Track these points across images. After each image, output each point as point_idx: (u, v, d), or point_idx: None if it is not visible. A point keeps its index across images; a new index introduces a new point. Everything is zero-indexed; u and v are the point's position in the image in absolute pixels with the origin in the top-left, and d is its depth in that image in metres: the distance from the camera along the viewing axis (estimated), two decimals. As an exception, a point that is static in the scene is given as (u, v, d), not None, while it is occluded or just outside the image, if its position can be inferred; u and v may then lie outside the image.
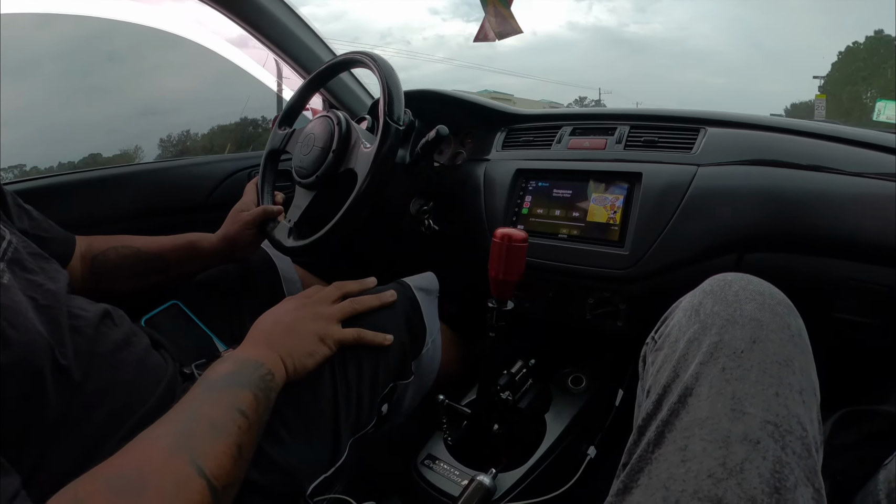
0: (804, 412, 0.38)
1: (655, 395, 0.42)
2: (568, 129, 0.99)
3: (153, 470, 0.42)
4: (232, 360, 0.59)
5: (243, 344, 0.65)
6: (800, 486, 0.34)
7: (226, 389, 0.53)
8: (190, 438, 0.46)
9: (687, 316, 0.46)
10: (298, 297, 0.73)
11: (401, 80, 0.80)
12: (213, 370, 0.57)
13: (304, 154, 0.85)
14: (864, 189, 0.75)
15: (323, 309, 0.70)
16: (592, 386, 0.94)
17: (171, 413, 0.49)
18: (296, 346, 0.65)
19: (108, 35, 1.40)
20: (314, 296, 0.73)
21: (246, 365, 0.58)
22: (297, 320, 0.67)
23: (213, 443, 0.46)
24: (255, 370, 0.57)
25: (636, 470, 0.38)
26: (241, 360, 0.59)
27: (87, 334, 0.57)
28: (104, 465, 0.42)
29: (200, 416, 0.48)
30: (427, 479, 0.80)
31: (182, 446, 0.44)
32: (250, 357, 0.59)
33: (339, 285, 0.75)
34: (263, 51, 1.19)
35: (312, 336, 0.66)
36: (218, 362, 0.59)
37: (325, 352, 0.67)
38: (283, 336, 0.65)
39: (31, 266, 0.58)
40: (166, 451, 0.44)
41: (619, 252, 0.83)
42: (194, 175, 1.15)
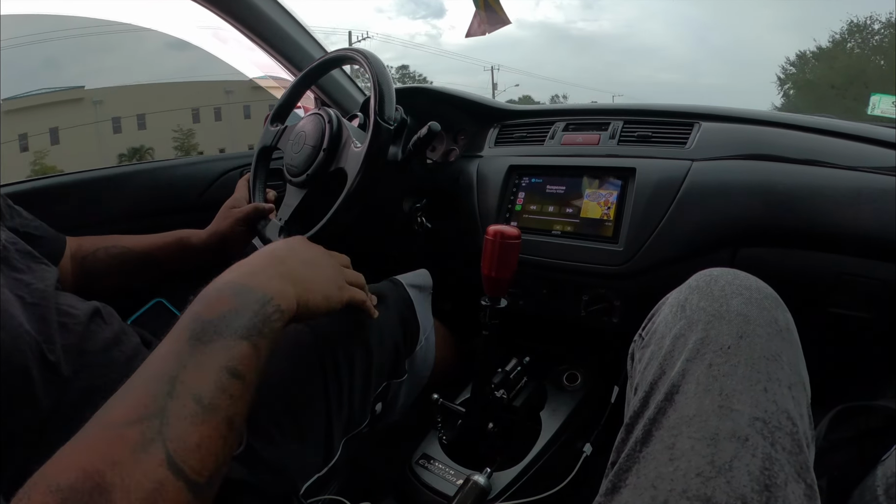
0: (793, 407, 0.37)
1: (642, 392, 0.41)
2: (561, 124, 0.99)
3: (118, 474, 0.32)
4: (230, 291, 0.45)
5: (245, 264, 0.50)
6: (790, 482, 0.34)
7: (218, 341, 0.41)
8: (166, 424, 0.35)
9: (673, 312, 0.46)
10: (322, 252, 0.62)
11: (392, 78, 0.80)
12: (205, 306, 0.44)
13: (295, 152, 0.84)
14: (859, 183, 0.74)
15: (343, 262, 0.63)
16: (588, 383, 0.94)
17: (143, 377, 0.38)
18: (315, 282, 0.53)
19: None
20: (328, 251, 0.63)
21: (249, 300, 0.45)
22: (319, 256, 0.58)
23: (196, 427, 0.36)
24: (259, 307, 0.45)
25: (624, 469, 0.37)
26: (241, 290, 0.45)
27: (77, 332, 0.56)
28: (58, 466, 0.33)
29: (181, 389, 0.37)
30: (422, 479, 0.80)
31: (155, 437, 0.34)
32: (255, 287, 0.46)
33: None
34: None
35: (333, 279, 0.57)
36: (210, 290, 0.46)
37: (340, 302, 0.57)
38: (302, 266, 0.53)
39: (20, 265, 0.58)
40: (135, 446, 0.34)
41: (613, 248, 0.82)
42: (186, 175, 1.14)
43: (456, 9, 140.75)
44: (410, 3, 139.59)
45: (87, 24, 8.39)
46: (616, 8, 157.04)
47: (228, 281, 0.47)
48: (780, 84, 27.57)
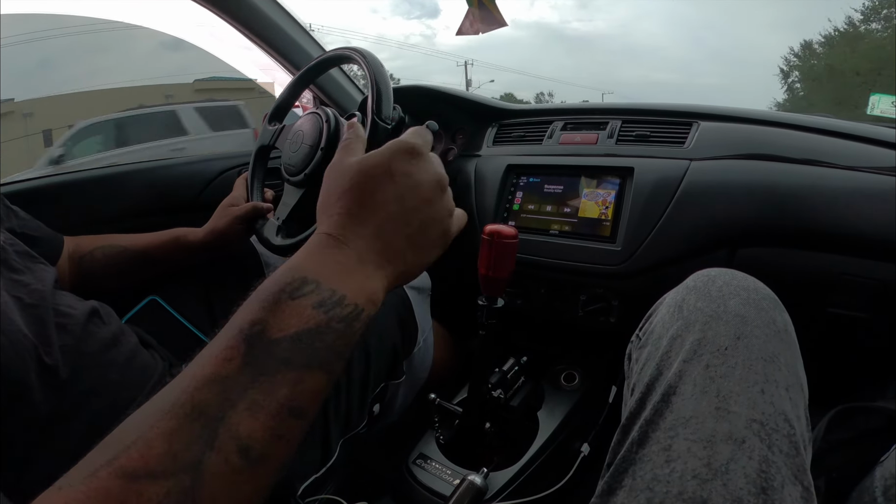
0: (791, 409, 0.37)
1: (639, 393, 0.41)
2: (559, 123, 0.99)
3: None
4: (314, 299, 0.32)
5: (338, 249, 0.36)
6: (787, 485, 0.33)
7: (285, 373, 0.30)
8: (198, 482, 0.26)
9: (670, 312, 0.45)
10: (424, 149, 0.41)
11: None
12: (274, 316, 0.31)
13: (292, 151, 0.84)
14: (858, 183, 0.74)
15: (451, 196, 0.42)
16: (585, 383, 0.94)
17: (174, 410, 0.28)
18: (419, 258, 0.39)
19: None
20: (440, 165, 0.42)
21: (336, 314, 0.32)
22: (434, 210, 0.40)
23: (236, 485, 0.28)
24: (347, 325, 0.33)
25: (620, 470, 0.37)
26: (328, 301, 0.33)
27: (75, 333, 0.56)
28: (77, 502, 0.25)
29: (225, 437, 0.27)
30: (418, 479, 0.80)
31: (183, 499, 0.26)
32: (346, 294, 0.33)
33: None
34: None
35: (438, 242, 0.41)
36: (282, 294, 0.32)
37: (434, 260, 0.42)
38: (409, 240, 0.38)
39: (18, 266, 0.58)
40: (166, 500, 0.25)
41: (611, 248, 0.82)
42: (184, 174, 1.14)
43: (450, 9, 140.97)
44: (405, 3, 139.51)
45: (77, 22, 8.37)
46: (611, 8, 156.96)
47: (308, 279, 0.33)
48: (783, 77, 24.97)
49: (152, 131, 5.77)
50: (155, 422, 0.27)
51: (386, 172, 0.38)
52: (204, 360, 0.30)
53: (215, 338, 0.31)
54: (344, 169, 0.39)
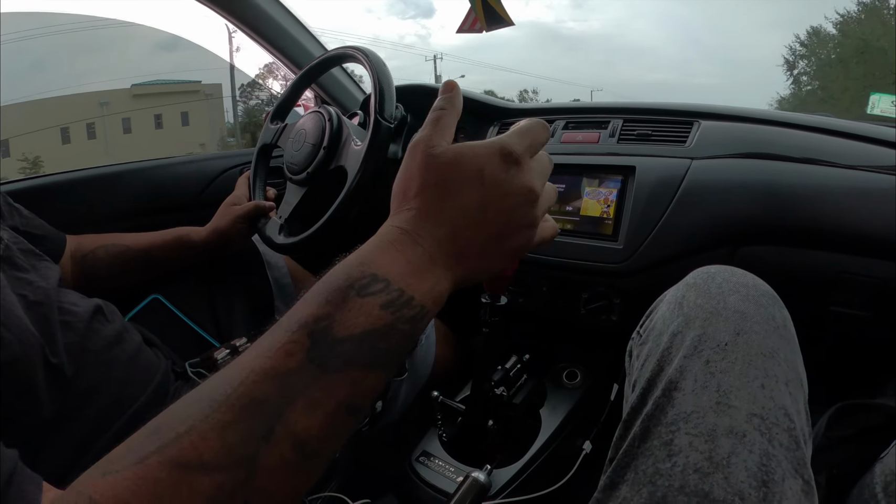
0: (791, 403, 0.37)
1: (640, 389, 0.41)
2: (561, 122, 0.99)
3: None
4: (382, 298, 0.31)
5: (413, 248, 0.34)
6: (787, 478, 0.34)
7: (346, 373, 0.29)
8: (252, 477, 0.26)
9: (671, 309, 0.46)
10: (523, 156, 0.37)
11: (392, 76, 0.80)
12: (340, 312, 0.30)
13: (295, 150, 0.84)
14: (859, 182, 0.74)
15: (540, 209, 0.38)
16: (587, 380, 0.94)
17: (230, 401, 0.27)
18: (489, 263, 0.37)
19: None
20: (536, 167, 0.38)
21: (402, 316, 0.31)
22: (516, 221, 0.37)
23: (289, 479, 0.28)
24: (411, 326, 0.32)
25: (622, 465, 0.38)
26: (396, 301, 0.31)
27: (79, 330, 0.57)
28: (107, 494, 0.25)
29: (282, 433, 0.27)
30: (422, 476, 0.80)
31: (236, 492, 0.26)
32: (414, 295, 0.32)
33: (549, 157, 0.41)
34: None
35: (519, 249, 0.38)
36: (350, 290, 0.31)
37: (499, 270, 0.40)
38: (483, 247, 0.36)
39: (23, 264, 0.58)
40: (209, 500, 0.25)
41: (612, 246, 0.82)
42: (186, 173, 1.14)
43: (445, 9, 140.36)
44: (400, 3, 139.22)
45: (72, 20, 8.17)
46: (606, 8, 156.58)
47: (378, 276, 0.32)
48: (787, 68, 21.93)
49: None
50: (210, 412, 0.27)
51: (476, 176, 0.35)
52: (264, 351, 0.29)
53: (274, 328, 0.31)
54: (431, 158, 0.36)
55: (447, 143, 0.37)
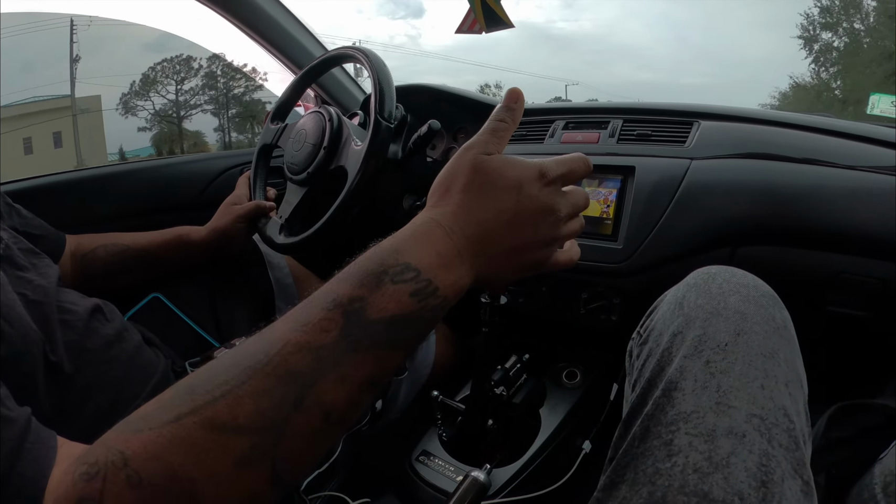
0: (790, 404, 0.37)
1: (640, 389, 0.42)
2: (561, 122, 0.99)
3: (214, 487, 0.27)
4: (412, 287, 0.34)
5: (445, 241, 0.37)
6: (787, 478, 0.34)
7: (373, 351, 0.32)
8: (281, 439, 0.28)
9: (671, 309, 0.46)
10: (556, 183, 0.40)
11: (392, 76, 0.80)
12: (375, 296, 0.33)
13: (295, 150, 0.85)
14: (858, 182, 0.74)
15: (565, 228, 0.42)
16: (587, 380, 0.94)
17: (266, 368, 0.29)
18: (507, 271, 0.40)
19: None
20: (568, 196, 0.41)
21: (427, 304, 0.34)
22: (539, 236, 0.40)
23: (314, 444, 0.31)
24: (434, 315, 0.35)
25: (622, 465, 0.38)
26: (424, 290, 0.34)
27: (78, 329, 0.57)
28: (138, 449, 0.26)
29: (312, 402, 0.29)
30: (421, 476, 0.80)
31: (266, 453, 0.28)
32: (439, 286, 0.35)
33: (585, 193, 0.44)
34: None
35: (535, 263, 0.41)
36: (386, 278, 0.33)
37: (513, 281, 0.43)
38: (507, 252, 0.39)
39: (23, 263, 0.58)
40: (240, 460, 0.27)
41: (612, 246, 0.82)
42: (186, 173, 1.14)
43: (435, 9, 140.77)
44: (390, 3, 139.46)
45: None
46: (596, 8, 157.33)
47: (410, 265, 0.34)
48: (805, 43, 17.25)
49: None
50: (246, 378, 0.29)
51: (516, 186, 0.38)
52: (300, 326, 0.31)
53: (308, 303, 0.33)
54: (481, 163, 0.39)
55: (498, 153, 0.40)
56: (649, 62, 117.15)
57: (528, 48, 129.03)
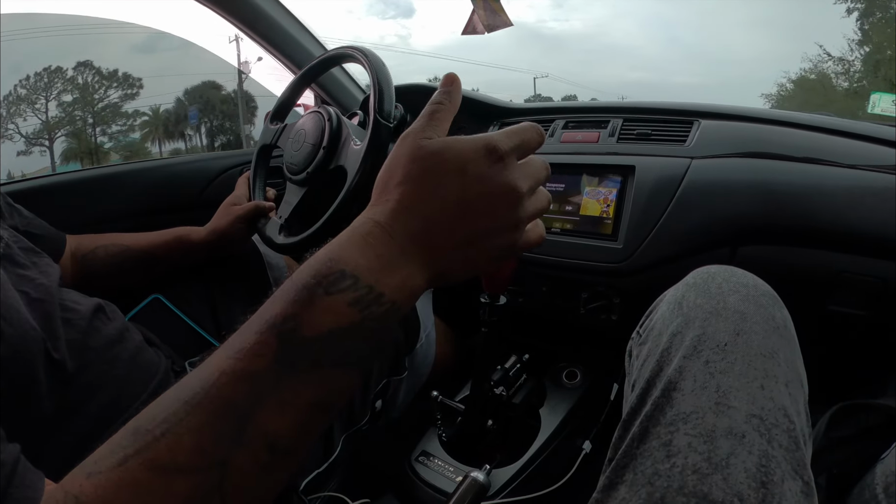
0: (790, 404, 0.37)
1: (640, 389, 0.41)
2: (561, 122, 0.99)
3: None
4: (349, 297, 0.30)
5: (385, 241, 0.33)
6: (787, 479, 0.34)
7: (315, 372, 0.29)
8: (227, 477, 0.27)
9: (670, 309, 0.46)
10: (509, 155, 0.35)
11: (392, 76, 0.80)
12: (307, 311, 0.30)
13: (294, 150, 0.84)
14: (858, 181, 0.74)
15: (525, 210, 0.36)
16: (587, 380, 0.94)
17: (203, 404, 0.27)
18: (466, 263, 0.36)
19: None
20: (524, 168, 0.36)
21: (372, 313, 0.31)
22: (497, 220, 0.35)
23: (263, 478, 0.28)
24: (382, 324, 0.32)
25: (621, 465, 0.37)
26: (364, 298, 0.31)
27: (81, 327, 0.57)
28: (91, 490, 0.26)
29: (254, 433, 0.27)
30: (421, 476, 0.80)
31: (212, 493, 0.26)
32: (383, 291, 0.31)
33: (546, 164, 0.39)
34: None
35: (501, 249, 0.36)
36: (317, 288, 0.30)
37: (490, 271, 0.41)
38: (460, 244, 0.34)
39: (23, 261, 0.58)
40: (188, 501, 0.26)
41: (612, 245, 0.82)
42: (186, 173, 1.14)
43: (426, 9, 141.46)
44: (380, 3, 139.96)
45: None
46: (587, 7, 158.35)
47: (346, 273, 0.31)
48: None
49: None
50: (184, 414, 0.27)
51: (459, 169, 0.34)
52: (233, 353, 0.29)
53: (244, 328, 0.30)
54: (418, 150, 0.35)
55: (438, 137, 0.36)
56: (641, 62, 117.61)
57: (520, 48, 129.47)
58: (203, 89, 19.16)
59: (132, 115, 12.99)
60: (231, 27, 1.14)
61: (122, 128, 16.03)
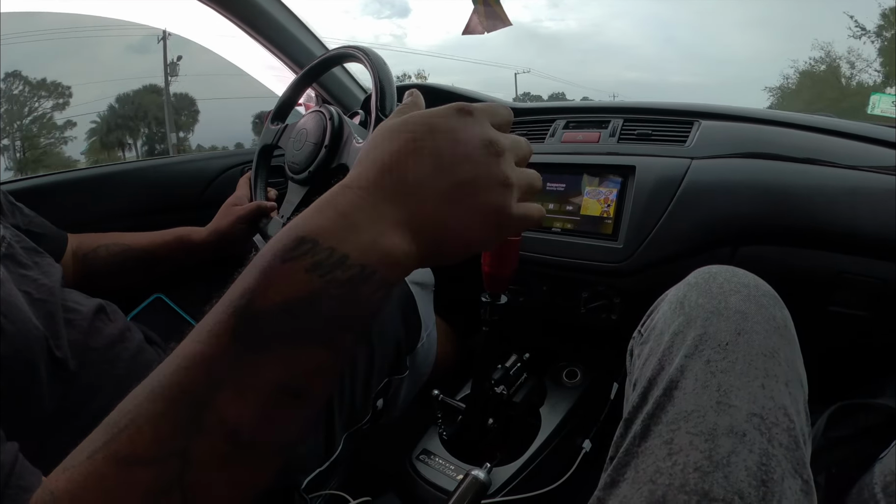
0: (791, 403, 0.38)
1: (641, 388, 0.42)
2: (561, 122, 0.99)
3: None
4: (306, 262, 0.27)
5: (346, 194, 0.30)
6: (787, 478, 0.34)
7: (276, 350, 0.26)
8: (187, 468, 0.25)
9: (672, 308, 0.46)
10: (477, 112, 0.34)
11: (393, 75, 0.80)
12: (262, 285, 0.27)
13: (296, 149, 0.84)
14: (859, 182, 0.74)
15: (510, 168, 0.34)
16: (587, 379, 0.94)
17: (162, 392, 0.26)
18: (458, 225, 0.32)
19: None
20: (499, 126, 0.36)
21: (334, 278, 0.27)
22: (479, 171, 0.32)
23: (227, 471, 0.26)
24: (350, 289, 0.28)
25: (623, 464, 0.38)
26: (323, 261, 0.27)
27: (82, 328, 0.57)
28: (64, 485, 0.26)
29: (212, 421, 0.25)
30: (422, 474, 0.81)
31: (173, 485, 0.25)
32: (346, 252, 0.28)
33: (527, 142, 0.38)
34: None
35: (493, 210, 0.33)
36: (272, 258, 0.28)
37: (488, 248, 0.37)
38: (442, 194, 0.31)
39: (25, 261, 0.58)
40: (146, 494, 0.25)
41: (612, 245, 0.82)
42: (187, 172, 1.14)
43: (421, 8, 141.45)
44: (375, 3, 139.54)
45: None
46: (583, 7, 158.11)
47: (307, 236, 0.28)
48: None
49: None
50: (146, 404, 0.26)
51: (427, 127, 0.32)
52: (193, 336, 0.27)
53: (210, 311, 0.28)
54: (386, 127, 0.33)
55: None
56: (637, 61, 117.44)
57: (515, 47, 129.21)
58: (141, 94, 18.17)
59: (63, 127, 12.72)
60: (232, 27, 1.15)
61: (51, 140, 15.50)
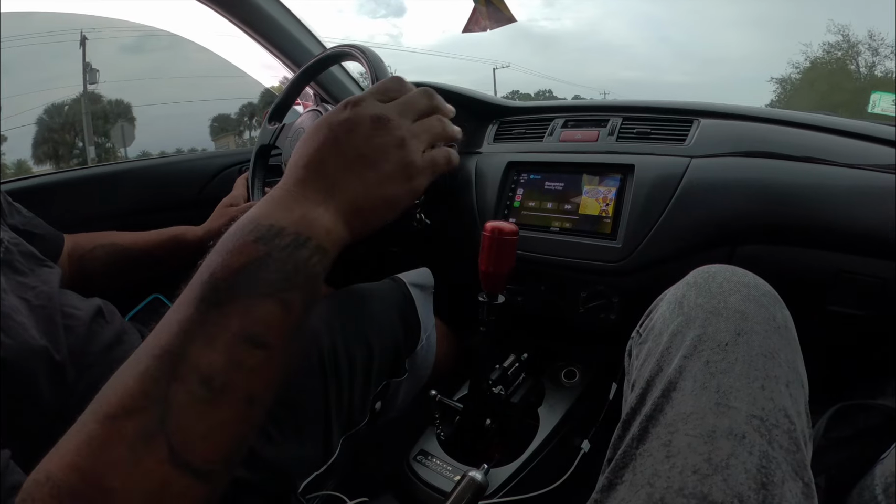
0: (791, 405, 0.37)
1: (639, 389, 0.41)
2: (560, 121, 0.99)
3: (118, 476, 0.28)
4: (252, 235, 0.35)
5: (279, 189, 0.39)
6: (787, 480, 0.33)
7: (234, 303, 0.32)
8: (168, 413, 0.29)
9: (671, 308, 0.45)
10: (364, 98, 0.42)
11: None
12: (221, 259, 0.34)
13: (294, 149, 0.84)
14: (858, 181, 0.74)
15: (410, 123, 0.42)
16: (585, 379, 0.94)
17: (144, 355, 0.31)
18: (370, 190, 0.39)
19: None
20: (393, 98, 0.43)
21: (276, 245, 0.34)
22: (373, 144, 0.40)
23: (204, 413, 0.30)
24: (290, 253, 0.34)
25: (621, 466, 0.37)
26: (266, 232, 0.35)
27: (80, 333, 0.57)
28: (59, 463, 0.28)
29: (186, 369, 0.30)
30: (419, 475, 0.80)
31: (156, 430, 0.28)
32: (283, 224, 0.35)
33: (428, 92, 0.46)
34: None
35: (397, 168, 0.40)
36: (228, 238, 0.35)
37: (413, 196, 0.42)
38: (348, 171, 0.39)
39: (23, 268, 0.58)
40: (133, 442, 0.28)
41: (611, 245, 0.82)
42: (184, 171, 1.14)
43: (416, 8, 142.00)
44: (370, 2, 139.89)
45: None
46: (578, 6, 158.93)
47: (251, 220, 0.36)
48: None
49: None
50: (130, 367, 0.31)
51: (325, 125, 0.40)
52: (171, 309, 0.34)
53: (183, 291, 0.35)
54: (302, 137, 0.42)
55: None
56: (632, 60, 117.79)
57: (510, 46, 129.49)
58: (75, 103, 17.79)
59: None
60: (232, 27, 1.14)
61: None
